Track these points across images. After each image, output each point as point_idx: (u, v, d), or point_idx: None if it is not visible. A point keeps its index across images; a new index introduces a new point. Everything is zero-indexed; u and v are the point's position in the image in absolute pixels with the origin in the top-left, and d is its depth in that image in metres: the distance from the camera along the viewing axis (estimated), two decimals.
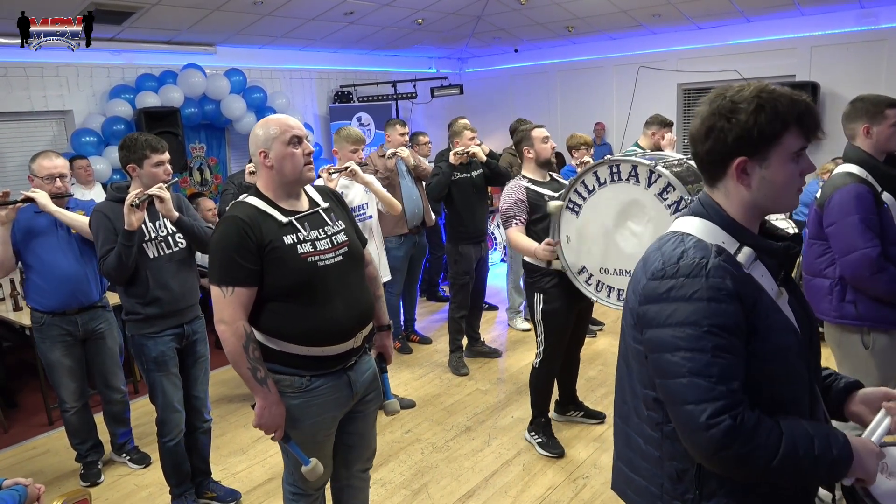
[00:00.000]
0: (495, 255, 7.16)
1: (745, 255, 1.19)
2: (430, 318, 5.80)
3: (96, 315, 3.22)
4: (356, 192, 3.72)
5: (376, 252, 3.73)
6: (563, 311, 3.15)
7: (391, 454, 3.40)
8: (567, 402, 3.66)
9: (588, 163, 4.15)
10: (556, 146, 3.35)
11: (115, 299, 4.20)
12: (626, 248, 2.80)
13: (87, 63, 5.84)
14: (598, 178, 2.83)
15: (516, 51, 9.05)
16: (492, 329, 5.37)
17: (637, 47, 8.13)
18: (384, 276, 3.84)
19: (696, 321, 1.14)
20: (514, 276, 5.23)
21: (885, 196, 2.40)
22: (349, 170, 3.55)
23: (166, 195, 2.65)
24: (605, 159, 2.82)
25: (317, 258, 1.94)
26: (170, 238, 2.79)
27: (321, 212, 2.05)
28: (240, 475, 3.29)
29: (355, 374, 2.09)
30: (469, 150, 4.24)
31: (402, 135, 4.53)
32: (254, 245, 1.86)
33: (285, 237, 1.91)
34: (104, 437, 3.41)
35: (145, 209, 2.65)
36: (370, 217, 3.78)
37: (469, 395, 4.10)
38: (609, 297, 2.93)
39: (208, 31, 6.27)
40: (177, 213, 2.70)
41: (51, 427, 3.94)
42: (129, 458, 3.43)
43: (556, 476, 3.11)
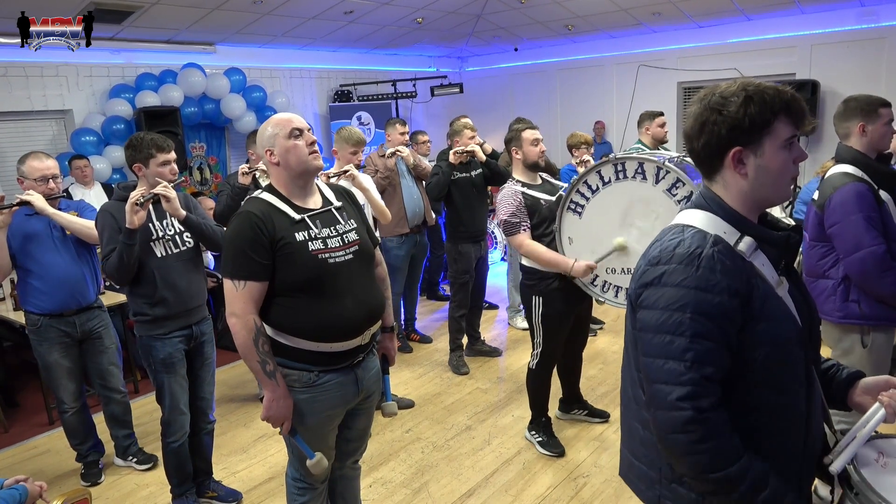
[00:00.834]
0: (495, 254, 7.16)
1: (746, 244, 1.23)
2: (431, 317, 5.80)
3: (93, 315, 3.21)
4: (355, 193, 3.72)
5: None
6: (562, 315, 3.15)
7: (391, 453, 3.40)
8: (571, 401, 3.66)
9: (588, 162, 4.15)
10: (545, 149, 3.26)
11: (111, 300, 4.23)
12: (635, 247, 2.78)
13: (86, 62, 5.84)
14: (602, 177, 2.81)
15: (516, 49, 9.05)
16: (492, 328, 5.37)
17: (637, 46, 8.12)
18: None
19: (681, 307, 1.19)
20: (514, 274, 5.23)
21: (883, 194, 2.41)
22: (348, 174, 3.56)
23: (172, 194, 2.64)
24: (609, 158, 2.79)
25: (327, 255, 1.97)
26: (177, 237, 2.78)
27: (334, 210, 2.09)
28: (240, 474, 3.29)
29: (362, 371, 2.12)
30: (468, 150, 4.24)
31: (402, 134, 4.53)
32: (266, 240, 1.91)
33: (297, 234, 1.95)
34: (104, 436, 3.41)
35: (149, 208, 2.64)
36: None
37: (469, 394, 4.10)
38: (617, 296, 2.91)
39: (208, 31, 6.27)
40: (184, 212, 2.68)
41: (51, 426, 3.94)
42: (135, 460, 3.42)
43: (556, 475, 3.11)
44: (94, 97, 5.98)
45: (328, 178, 3.55)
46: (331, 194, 2.15)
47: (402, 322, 5.02)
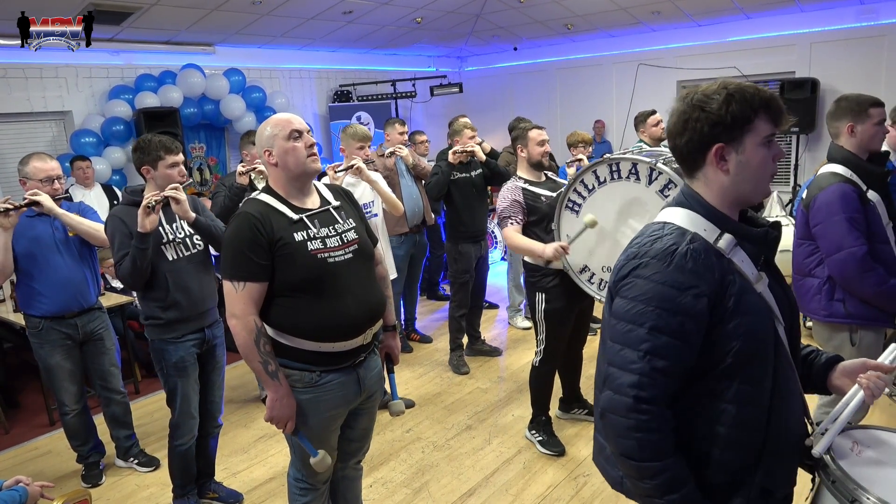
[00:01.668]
0: (496, 254, 7.16)
1: (725, 241, 1.26)
2: (431, 316, 5.80)
3: (94, 317, 3.21)
4: (362, 191, 3.71)
5: (382, 251, 3.74)
6: (565, 311, 3.15)
7: (392, 453, 3.40)
8: (571, 400, 3.67)
9: (581, 160, 4.16)
10: (550, 150, 3.32)
11: (112, 301, 4.23)
12: (624, 243, 2.79)
13: (86, 64, 5.84)
14: (598, 177, 2.83)
15: (515, 49, 9.05)
16: (492, 327, 5.37)
17: (636, 44, 8.12)
18: (391, 273, 3.84)
19: (647, 299, 1.24)
20: (515, 274, 5.24)
21: (871, 194, 2.41)
22: (355, 167, 3.55)
23: (182, 196, 2.62)
24: (604, 158, 2.81)
25: (326, 255, 1.98)
26: (188, 240, 2.77)
27: (332, 210, 2.09)
28: (241, 475, 3.29)
29: (364, 370, 2.13)
30: (468, 149, 4.24)
31: (401, 134, 4.53)
32: (265, 241, 1.91)
33: (296, 234, 1.96)
34: (105, 437, 3.41)
35: (160, 211, 2.62)
36: (376, 216, 3.78)
37: (469, 394, 4.10)
38: None
39: (207, 31, 6.27)
40: (193, 214, 2.67)
41: (52, 428, 3.94)
42: (136, 461, 3.42)
43: (556, 474, 3.12)
44: (94, 98, 5.99)
45: (335, 172, 3.55)
46: (329, 194, 2.16)
47: (403, 322, 5.02)
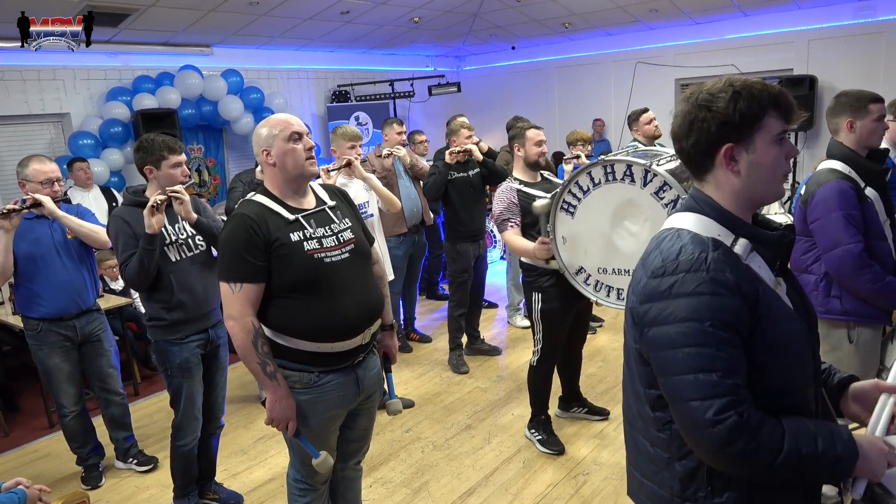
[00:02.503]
0: (495, 253, 7.16)
1: (741, 246, 1.20)
2: (430, 316, 5.80)
3: (92, 318, 3.21)
4: (356, 190, 3.71)
5: (379, 251, 3.73)
6: (562, 310, 3.15)
7: (391, 453, 3.40)
8: (570, 399, 3.66)
9: (579, 157, 4.15)
10: (547, 151, 3.33)
11: (111, 303, 4.23)
12: (624, 248, 2.79)
13: (83, 66, 5.84)
14: (593, 179, 2.82)
15: (513, 48, 9.04)
16: (491, 327, 5.37)
17: (634, 43, 8.11)
18: (388, 274, 3.83)
19: (699, 317, 1.13)
20: (514, 273, 5.23)
21: (869, 191, 2.41)
22: (347, 163, 3.55)
23: (185, 196, 2.63)
24: (598, 159, 2.81)
25: (323, 255, 1.98)
26: (190, 240, 2.77)
27: (328, 210, 2.09)
28: (241, 476, 3.29)
29: (363, 371, 2.12)
30: (465, 149, 4.24)
31: (399, 133, 4.52)
32: (261, 242, 1.91)
33: (292, 234, 1.96)
34: (104, 439, 3.41)
35: (164, 211, 2.61)
36: (371, 215, 3.78)
37: (469, 393, 4.10)
38: (609, 296, 2.92)
39: (205, 32, 6.27)
40: (195, 215, 2.67)
41: (52, 430, 3.94)
42: (135, 461, 3.41)
43: (556, 473, 3.11)
44: (92, 100, 5.98)
45: (328, 171, 3.55)
46: (324, 194, 2.15)
47: (402, 322, 5.02)
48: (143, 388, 4.50)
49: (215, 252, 2.87)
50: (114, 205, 5.28)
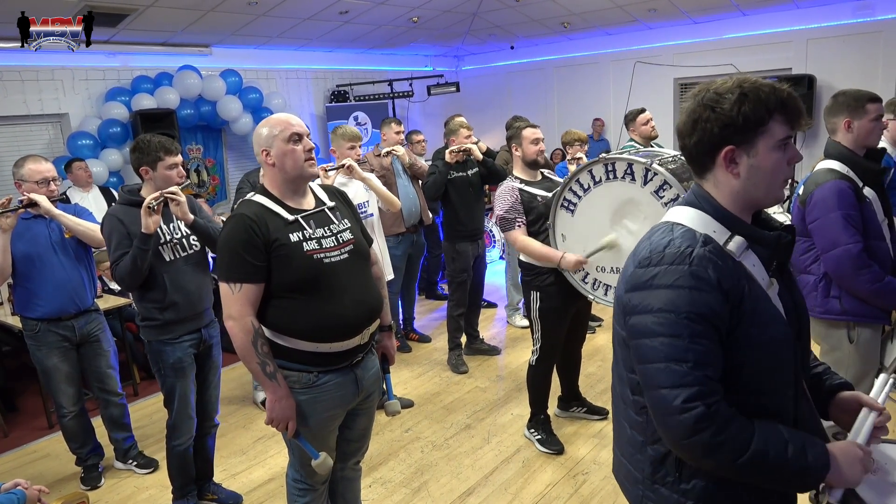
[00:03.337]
0: (494, 253, 7.16)
1: (735, 243, 1.20)
2: (429, 316, 5.80)
3: (91, 319, 3.21)
4: (355, 191, 3.70)
5: (379, 250, 3.74)
6: (560, 310, 3.16)
7: (391, 453, 3.40)
8: (570, 399, 3.66)
9: (581, 159, 4.15)
10: (545, 149, 3.31)
11: (111, 303, 4.23)
12: (623, 246, 2.80)
13: (82, 66, 5.84)
14: (594, 177, 2.83)
15: (512, 48, 9.05)
16: (491, 326, 5.37)
17: (633, 42, 8.12)
18: (388, 274, 3.84)
19: (675, 308, 1.16)
20: (513, 273, 5.23)
21: (867, 191, 2.41)
22: (346, 166, 3.55)
23: (182, 197, 2.62)
24: (599, 157, 2.81)
25: (322, 255, 1.98)
26: (184, 240, 2.76)
27: (327, 210, 2.09)
28: (240, 476, 3.29)
29: (362, 371, 2.13)
30: (464, 148, 4.24)
31: (398, 133, 4.53)
32: (261, 242, 1.91)
33: (291, 234, 1.96)
34: (103, 440, 3.41)
35: (160, 211, 2.62)
36: (371, 215, 3.78)
37: (468, 393, 4.10)
38: (606, 294, 2.92)
39: (203, 33, 6.27)
40: (192, 216, 2.67)
41: (51, 430, 3.94)
42: (135, 463, 3.41)
43: (555, 473, 3.12)
44: (90, 100, 5.98)
45: (326, 172, 3.55)
46: (323, 195, 2.16)
47: (401, 321, 5.02)
48: (143, 388, 4.50)
49: (210, 252, 2.88)
50: (113, 205, 5.27)
